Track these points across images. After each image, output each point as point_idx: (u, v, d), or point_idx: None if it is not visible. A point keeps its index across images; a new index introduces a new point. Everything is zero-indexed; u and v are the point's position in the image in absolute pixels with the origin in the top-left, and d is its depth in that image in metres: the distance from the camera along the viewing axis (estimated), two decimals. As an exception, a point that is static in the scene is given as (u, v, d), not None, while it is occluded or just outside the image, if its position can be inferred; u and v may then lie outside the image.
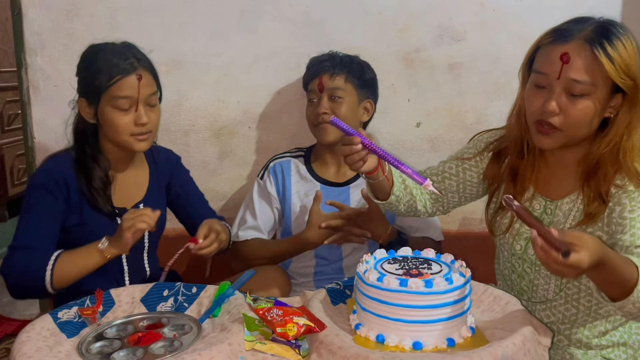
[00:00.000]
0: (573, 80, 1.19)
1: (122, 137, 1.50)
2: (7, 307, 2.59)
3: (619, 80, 1.18)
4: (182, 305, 1.25)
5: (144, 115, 1.50)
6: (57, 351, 1.07)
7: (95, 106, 1.50)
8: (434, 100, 2.12)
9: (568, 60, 1.19)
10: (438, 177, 1.50)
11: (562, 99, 1.22)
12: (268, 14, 2.04)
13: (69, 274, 1.41)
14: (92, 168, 1.52)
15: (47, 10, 2.03)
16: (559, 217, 1.35)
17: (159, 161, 1.71)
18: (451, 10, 2.05)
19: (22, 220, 1.46)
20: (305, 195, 1.86)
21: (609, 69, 1.17)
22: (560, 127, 1.23)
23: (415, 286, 1.04)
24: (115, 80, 1.46)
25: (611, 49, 1.17)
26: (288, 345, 1.07)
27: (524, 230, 1.39)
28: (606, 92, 1.20)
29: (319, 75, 1.80)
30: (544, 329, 1.17)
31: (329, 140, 1.81)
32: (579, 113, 1.21)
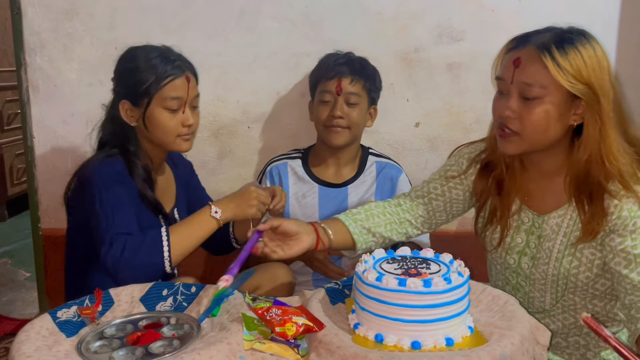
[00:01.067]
0: (524, 83, 1.23)
1: (170, 138, 1.51)
2: (6, 307, 2.60)
3: (567, 85, 1.19)
4: (181, 305, 1.25)
5: (191, 117, 1.52)
6: (57, 350, 1.07)
7: (142, 108, 1.49)
8: (433, 100, 2.13)
9: (519, 64, 1.24)
10: (424, 198, 1.50)
11: (518, 103, 1.25)
12: (267, 13, 2.05)
13: (187, 247, 1.41)
14: (138, 166, 1.51)
15: (46, 10, 2.03)
16: (547, 232, 1.35)
17: (179, 165, 1.74)
18: (450, 10, 2.06)
19: (106, 216, 1.40)
20: (303, 196, 1.86)
21: (554, 74, 1.19)
22: (518, 130, 1.26)
23: (414, 286, 1.04)
24: (167, 81, 1.48)
25: (559, 55, 1.19)
26: (287, 345, 1.07)
27: (516, 243, 1.40)
28: (561, 97, 1.22)
29: (337, 78, 1.79)
30: (543, 329, 1.17)
31: (339, 143, 1.81)
32: (534, 117, 1.24)
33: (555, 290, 1.37)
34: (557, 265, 1.34)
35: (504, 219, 1.40)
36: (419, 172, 2.13)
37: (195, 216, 1.46)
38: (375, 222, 1.44)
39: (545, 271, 1.36)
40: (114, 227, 1.38)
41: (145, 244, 1.37)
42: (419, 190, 1.51)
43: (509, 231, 1.40)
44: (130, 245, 1.35)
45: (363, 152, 1.94)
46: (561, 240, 1.33)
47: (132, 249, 1.35)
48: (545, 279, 1.37)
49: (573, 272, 1.33)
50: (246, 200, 1.48)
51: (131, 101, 1.51)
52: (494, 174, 1.41)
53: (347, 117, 1.78)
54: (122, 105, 1.52)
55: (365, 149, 1.95)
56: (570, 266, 1.33)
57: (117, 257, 1.34)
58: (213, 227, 1.46)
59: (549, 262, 1.35)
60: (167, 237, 1.39)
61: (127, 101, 1.52)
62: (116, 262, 1.33)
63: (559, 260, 1.34)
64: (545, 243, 1.36)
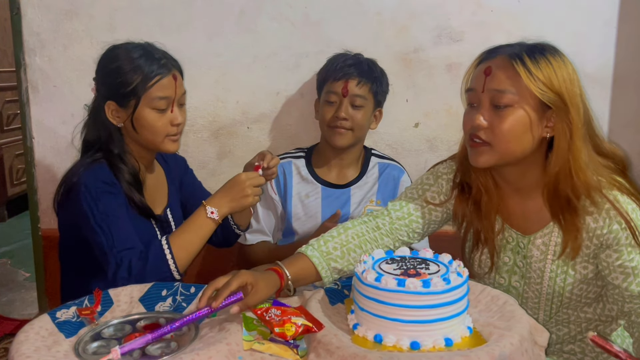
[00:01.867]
0: (495, 90, 1.23)
1: (158, 138, 1.49)
2: (5, 307, 2.60)
3: (538, 92, 1.20)
4: (181, 305, 1.25)
5: (179, 116, 1.50)
6: (56, 351, 1.07)
7: (130, 109, 1.46)
8: (433, 100, 2.13)
9: (490, 72, 1.24)
10: (405, 220, 1.43)
11: (489, 112, 1.25)
12: (267, 14, 2.05)
13: (190, 253, 1.42)
14: (123, 170, 1.48)
15: (46, 11, 2.03)
16: (534, 253, 1.34)
17: (170, 163, 1.71)
18: (449, 11, 2.06)
19: (104, 233, 1.39)
20: (306, 196, 1.86)
21: (525, 80, 1.20)
22: (489, 140, 1.25)
23: (413, 286, 1.04)
24: (155, 81, 1.45)
25: (531, 63, 1.20)
26: (286, 345, 1.07)
27: (504, 262, 1.40)
28: (532, 106, 1.22)
29: (344, 79, 1.79)
30: (541, 329, 1.17)
31: (342, 144, 1.81)
32: (506, 125, 1.23)
33: (550, 308, 1.37)
34: (552, 284, 1.34)
35: (489, 241, 1.38)
36: (419, 172, 2.12)
37: (192, 220, 1.45)
38: (349, 258, 1.32)
39: (539, 290, 1.36)
40: (115, 245, 1.38)
41: (150, 261, 1.37)
42: (398, 211, 1.44)
43: (497, 251, 1.38)
44: (136, 264, 1.36)
45: (366, 153, 1.95)
46: (551, 260, 1.32)
47: (138, 268, 1.36)
48: (539, 297, 1.37)
49: (568, 288, 1.32)
50: (239, 190, 1.45)
51: (117, 102, 1.47)
52: (471, 195, 1.39)
53: (351, 119, 1.78)
54: (108, 106, 1.48)
55: (367, 150, 1.96)
56: (564, 283, 1.32)
57: (127, 279, 1.34)
58: (212, 228, 1.45)
59: (542, 282, 1.35)
60: (169, 248, 1.39)
61: (113, 102, 1.48)
62: (126, 284, 1.31)
63: (552, 279, 1.33)
64: (535, 264, 1.34)
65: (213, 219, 1.44)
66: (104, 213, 1.40)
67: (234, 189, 1.46)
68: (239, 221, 1.66)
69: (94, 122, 1.53)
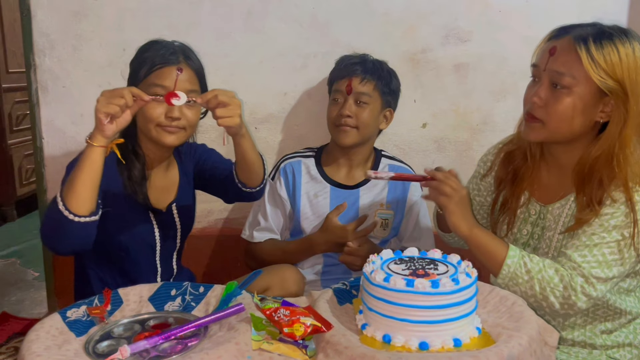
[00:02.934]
0: (555, 71, 1.26)
1: (150, 125, 1.48)
2: (15, 306, 2.61)
3: (597, 79, 1.21)
4: (190, 305, 1.25)
5: (177, 110, 1.48)
6: (66, 349, 1.08)
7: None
8: (440, 100, 2.13)
9: (554, 52, 1.26)
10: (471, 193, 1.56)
11: (546, 91, 1.28)
12: (274, 14, 2.05)
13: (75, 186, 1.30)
14: (131, 161, 1.51)
15: (55, 12, 2.04)
16: (550, 222, 1.37)
17: (184, 157, 1.71)
18: (457, 11, 2.05)
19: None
20: (315, 196, 1.87)
21: (586, 66, 1.21)
22: (542, 118, 1.29)
23: (422, 286, 1.04)
24: (155, 68, 1.47)
25: (595, 49, 1.21)
26: (295, 345, 1.08)
27: (521, 235, 1.42)
28: (589, 91, 1.24)
29: (348, 77, 1.79)
30: (551, 330, 1.17)
31: (347, 142, 1.81)
32: (560, 106, 1.26)
33: None
34: (556, 254, 1.35)
35: (512, 209, 1.43)
36: (426, 172, 2.13)
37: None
38: None
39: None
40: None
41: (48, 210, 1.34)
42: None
43: (516, 222, 1.42)
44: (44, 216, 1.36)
45: (376, 154, 1.94)
46: (560, 230, 1.35)
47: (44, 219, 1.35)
48: None
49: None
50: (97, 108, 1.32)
51: None
52: (515, 163, 1.44)
53: (355, 117, 1.78)
54: None
55: (378, 152, 1.95)
56: (558, 252, 1.34)
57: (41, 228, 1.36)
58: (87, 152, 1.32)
59: (548, 252, 1.37)
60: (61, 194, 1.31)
61: None
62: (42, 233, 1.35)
63: (557, 249, 1.35)
64: (547, 233, 1.38)
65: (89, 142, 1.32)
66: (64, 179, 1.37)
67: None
68: (241, 177, 1.59)
69: None
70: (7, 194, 3.75)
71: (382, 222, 1.87)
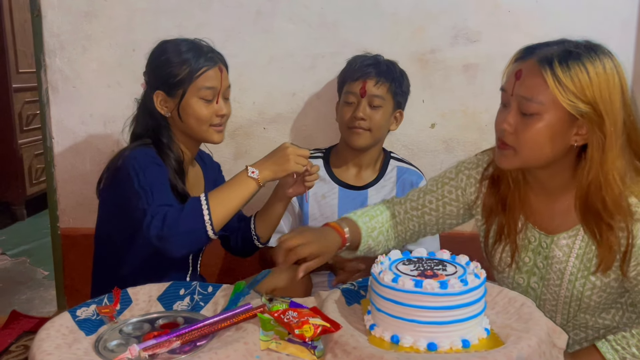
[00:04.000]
0: (523, 97, 1.18)
1: (203, 127, 1.54)
2: (24, 305, 2.63)
3: (566, 104, 1.14)
4: (198, 305, 1.26)
5: (224, 107, 1.56)
6: (76, 348, 1.08)
7: (177, 98, 1.52)
8: (449, 101, 2.12)
9: (519, 76, 1.19)
10: (418, 211, 1.47)
11: (515, 117, 1.20)
12: (283, 15, 2.06)
13: (227, 210, 1.39)
14: (170, 157, 1.53)
15: (66, 12, 2.06)
16: (556, 254, 1.31)
17: (207, 162, 1.77)
18: (466, 11, 2.05)
19: (145, 193, 1.39)
20: (323, 197, 1.87)
21: (553, 90, 1.14)
22: (514, 145, 1.22)
23: (430, 287, 1.04)
24: (202, 72, 1.51)
25: (561, 70, 1.13)
26: (303, 346, 1.08)
27: (524, 263, 1.37)
28: (560, 116, 1.16)
29: (362, 79, 1.79)
30: (559, 331, 1.16)
31: (360, 145, 1.81)
32: (530, 133, 1.19)
33: (567, 311, 1.35)
34: (570, 287, 1.31)
35: (511, 237, 1.36)
36: (435, 173, 2.09)
37: (233, 179, 1.45)
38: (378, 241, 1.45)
39: (557, 292, 1.34)
40: (154, 201, 1.38)
41: (186, 211, 1.36)
42: (414, 201, 1.48)
43: (517, 249, 1.36)
44: (171, 215, 1.34)
45: (385, 155, 1.94)
46: (573, 263, 1.29)
47: (173, 218, 1.34)
48: (557, 300, 1.35)
49: (587, 293, 1.29)
50: (282, 156, 1.45)
51: (165, 92, 1.54)
52: (501, 189, 1.36)
53: (369, 119, 1.78)
54: (157, 96, 1.55)
55: (387, 153, 1.95)
56: (584, 288, 1.29)
57: (159, 228, 1.33)
58: (253, 188, 1.43)
59: (561, 285, 1.32)
60: (207, 202, 1.37)
61: (161, 92, 1.54)
62: (159, 233, 1.33)
63: (572, 282, 1.30)
64: (556, 265, 1.32)
65: (253, 178, 1.43)
66: (149, 178, 1.42)
67: (276, 155, 1.46)
68: (261, 231, 1.67)
69: (143, 114, 1.59)
70: (17, 194, 3.77)
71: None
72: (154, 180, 1.42)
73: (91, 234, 2.15)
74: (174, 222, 1.34)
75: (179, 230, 1.34)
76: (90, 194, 2.19)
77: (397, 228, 1.47)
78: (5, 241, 3.49)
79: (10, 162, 3.70)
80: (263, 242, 1.70)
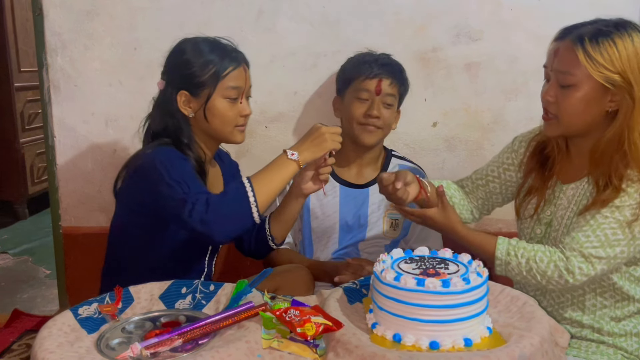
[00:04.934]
0: (559, 71, 1.35)
1: (228, 128, 1.54)
2: (26, 303, 2.64)
3: (597, 75, 1.29)
4: (200, 303, 1.26)
5: (247, 107, 1.57)
6: (78, 346, 1.08)
7: (203, 99, 1.51)
8: (451, 99, 2.12)
9: (557, 54, 1.36)
10: (483, 180, 1.63)
11: (556, 89, 1.36)
12: (285, 13, 2.05)
13: (271, 192, 1.40)
14: (190, 157, 1.51)
15: (67, 11, 2.06)
16: (562, 201, 1.45)
17: (225, 161, 1.75)
18: (468, 9, 2.04)
19: (179, 184, 1.37)
20: (324, 195, 1.86)
21: (584, 64, 1.29)
22: (556, 114, 1.38)
23: (433, 286, 1.04)
24: (228, 71, 1.51)
25: (591, 47, 1.29)
26: (305, 344, 1.08)
27: (544, 215, 1.49)
28: (593, 87, 1.31)
29: (379, 78, 1.80)
30: (562, 330, 1.16)
31: (371, 142, 1.82)
32: (569, 102, 1.34)
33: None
34: (565, 231, 1.42)
35: (541, 194, 1.50)
36: (436, 171, 2.12)
37: (273, 162, 1.44)
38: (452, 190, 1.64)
39: (555, 238, 1.44)
40: (190, 190, 1.36)
41: (230, 195, 1.36)
42: (479, 172, 1.65)
43: (544, 202, 1.48)
44: (214, 200, 1.34)
45: (386, 153, 1.94)
46: (572, 209, 1.42)
47: (217, 203, 1.33)
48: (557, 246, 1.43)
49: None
50: (317, 136, 1.45)
51: (190, 92, 1.51)
52: (545, 152, 1.51)
53: (382, 118, 1.79)
54: (180, 96, 1.52)
55: (388, 151, 1.95)
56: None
57: (204, 213, 1.32)
58: (293, 170, 1.43)
59: (559, 229, 1.43)
60: (251, 184, 1.37)
61: (185, 92, 1.52)
62: (204, 218, 1.31)
63: (566, 226, 1.42)
64: (559, 211, 1.45)
65: (294, 160, 1.42)
66: (179, 171, 1.40)
67: (311, 135, 1.46)
68: (276, 232, 1.65)
69: (162, 114, 1.55)
70: (19, 192, 3.78)
71: (393, 223, 1.87)
72: (184, 172, 1.41)
73: (93, 232, 2.16)
74: (218, 206, 1.33)
75: (224, 212, 1.33)
76: (92, 192, 2.21)
77: (468, 197, 1.65)
78: (7, 240, 3.50)
79: (12, 161, 3.71)
80: (278, 243, 1.67)
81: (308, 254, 1.89)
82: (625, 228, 1.31)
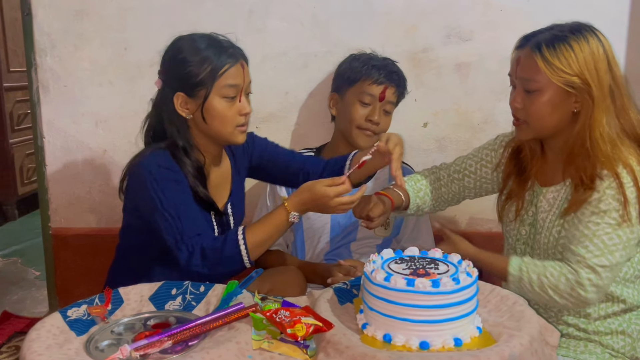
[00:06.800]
0: (522, 79, 1.40)
1: (228, 129, 1.47)
2: (16, 305, 2.62)
3: (556, 80, 1.33)
4: (190, 304, 1.25)
5: (247, 105, 1.50)
6: (67, 349, 1.08)
7: (200, 99, 1.44)
8: (441, 100, 2.12)
9: (519, 62, 1.41)
10: (459, 174, 1.65)
11: (522, 96, 1.41)
12: (276, 14, 2.05)
13: (264, 248, 1.42)
14: (186, 163, 1.47)
15: (56, 11, 2.04)
16: (543, 205, 1.48)
17: (237, 153, 1.67)
18: (459, 10, 2.05)
19: (172, 217, 1.39)
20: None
21: (544, 70, 1.34)
22: (525, 119, 1.42)
23: (423, 286, 1.04)
24: (224, 69, 1.43)
25: (549, 52, 1.34)
26: (295, 345, 1.08)
27: (527, 217, 1.52)
28: (556, 91, 1.36)
29: (384, 85, 1.81)
30: (552, 329, 1.17)
31: (365, 146, 1.82)
32: (535, 107, 1.39)
33: (552, 259, 1.44)
34: (548, 234, 1.45)
35: (520, 197, 1.53)
36: (427, 172, 2.12)
37: (273, 218, 1.41)
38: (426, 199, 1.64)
39: (539, 240, 1.48)
40: (184, 231, 1.38)
41: (225, 253, 1.38)
42: (457, 166, 1.66)
43: (523, 205, 1.52)
44: (209, 253, 1.38)
45: None
46: (554, 212, 1.45)
47: (212, 257, 1.38)
48: (541, 248, 1.48)
49: (561, 242, 1.42)
50: (324, 203, 1.39)
51: (186, 93, 1.45)
52: (521, 156, 1.54)
53: (381, 124, 1.82)
54: (177, 97, 1.46)
55: None
56: (558, 235, 1.43)
57: (200, 266, 1.38)
58: (287, 228, 1.44)
59: (542, 232, 1.46)
60: (245, 243, 1.38)
61: (182, 93, 1.45)
62: (200, 269, 1.38)
63: (549, 229, 1.45)
64: (540, 214, 1.48)
65: (293, 221, 1.42)
66: (172, 200, 1.40)
67: (320, 202, 1.39)
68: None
69: (160, 115, 1.50)
70: (8, 193, 3.76)
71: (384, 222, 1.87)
72: (178, 202, 1.40)
73: (83, 233, 2.15)
74: (213, 259, 1.38)
75: (218, 262, 1.38)
76: (82, 193, 2.20)
77: (441, 190, 1.66)
78: (-4, 241, 3.48)
79: (1, 162, 3.69)
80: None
81: (300, 254, 1.89)
82: (618, 230, 1.33)
